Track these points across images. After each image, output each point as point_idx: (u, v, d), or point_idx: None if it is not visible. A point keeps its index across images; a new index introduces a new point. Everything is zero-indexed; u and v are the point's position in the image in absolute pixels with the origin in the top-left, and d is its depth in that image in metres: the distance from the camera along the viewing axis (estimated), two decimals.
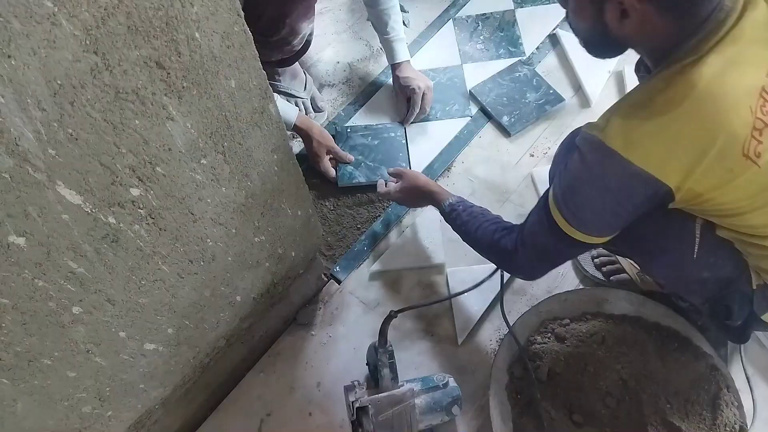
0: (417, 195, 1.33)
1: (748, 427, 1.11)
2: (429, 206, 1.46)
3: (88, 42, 0.54)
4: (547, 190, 0.98)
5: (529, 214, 1.04)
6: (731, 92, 0.77)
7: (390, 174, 1.43)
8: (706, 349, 1.17)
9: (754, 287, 0.94)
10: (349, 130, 1.62)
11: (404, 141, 1.60)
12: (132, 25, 0.56)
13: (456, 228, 1.21)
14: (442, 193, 1.27)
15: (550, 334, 1.21)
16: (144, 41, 0.58)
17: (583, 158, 0.86)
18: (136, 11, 0.56)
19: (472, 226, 1.15)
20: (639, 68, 1.01)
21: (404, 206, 1.47)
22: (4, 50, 0.48)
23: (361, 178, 1.53)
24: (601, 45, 0.92)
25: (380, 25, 1.57)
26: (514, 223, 1.10)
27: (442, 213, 1.24)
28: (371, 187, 1.52)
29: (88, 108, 0.57)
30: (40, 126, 0.55)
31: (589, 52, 0.95)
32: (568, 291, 1.26)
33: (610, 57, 0.96)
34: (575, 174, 0.89)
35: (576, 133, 0.93)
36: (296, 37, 1.45)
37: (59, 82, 0.54)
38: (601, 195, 0.86)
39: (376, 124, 1.63)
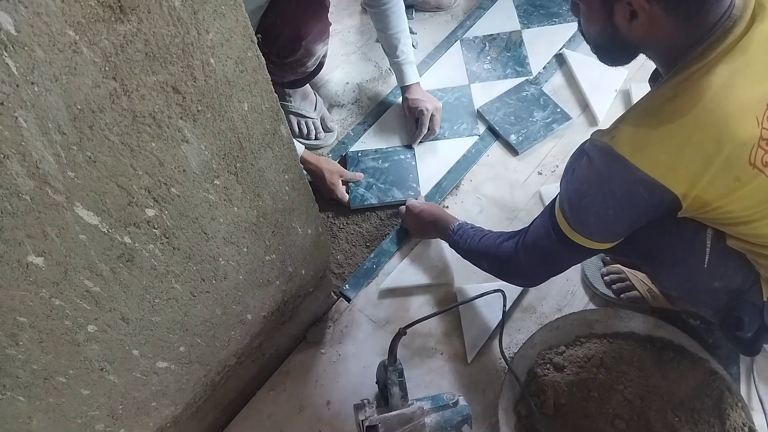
0: (428, 218, 1.37)
1: None
2: None
3: (107, 68, 0.56)
4: (555, 198, 0.99)
5: (533, 220, 1.06)
6: (738, 102, 0.78)
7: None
8: (701, 354, 1.17)
9: (765, 299, 0.94)
10: (360, 155, 1.64)
11: (414, 162, 1.61)
12: (150, 51, 0.58)
13: (462, 244, 1.23)
14: (451, 218, 1.32)
15: (548, 365, 1.21)
16: (161, 67, 0.60)
17: (591, 163, 0.88)
18: (153, 39, 0.58)
19: (477, 238, 1.19)
20: (654, 79, 1.02)
21: (414, 235, 1.48)
22: (28, 77, 0.50)
23: (372, 200, 1.55)
24: (612, 49, 0.93)
25: (390, 49, 1.60)
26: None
27: (451, 235, 1.27)
28: (382, 207, 1.54)
29: (107, 132, 0.59)
30: (60, 149, 0.56)
31: (600, 58, 0.97)
32: (558, 318, 1.26)
33: (620, 64, 0.98)
34: (582, 178, 0.90)
35: (585, 143, 0.95)
36: (311, 58, 1.48)
37: (79, 107, 0.56)
38: (606, 200, 0.87)
39: (386, 148, 1.65)
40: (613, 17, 0.85)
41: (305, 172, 1.53)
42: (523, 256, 1.04)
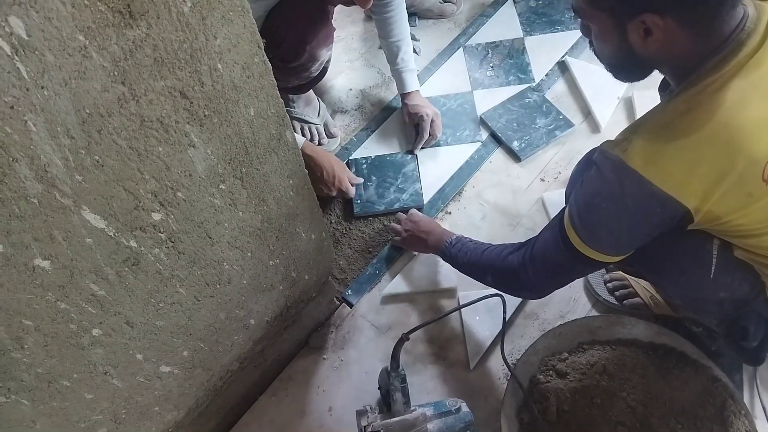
0: (423, 230, 1.36)
1: None
2: None
3: (116, 73, 0.56)
4: (563, 209, 0.98)
5: (540, 231, 1.05)
6: (752, 118, 0.78)
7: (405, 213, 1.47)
8: (704, 361, 1.17)
9: None
10: (362, 162, 1.64)
11: (417, 170, 1.62)
12: (158, 57, 0.59)
13: (462, 257, 1.22)
14: (447, 232, 1.31)
15: (551, 371, 1.20)
16: (169, 72, 0.61)
17: (601, 176, 0.87)
18: (162, 44, 0.58)
19: (479, 251, 1.17)
20: (664, 88, 1.03)
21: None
22: (38, 81, 0.51)
23: (379, 207, 1.55)
24: (627, 67, 0.93)
25: (391, 56, 1.62)
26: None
27: (449, 248, 1.26)
28: (386, 214, 1.55)
29: (115, 136, 0.60)
30: (68, 153, 0.57)
31: (616, 76, 0.97)
32: (561, 324, 1.26)
33: (635, 80, 0.97)
34: (593, 191, 0.90)
35: (593, 153, 0.94)
36: (315, 63, 1.48)
37: (88, 111, 0.56)
38: (619, 213, 0.87)
39: (388, 154, 1.66)
40: (627, 36, 0.84)
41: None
42: (530, 269, 1.03)
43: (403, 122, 1.70)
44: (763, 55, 0.79)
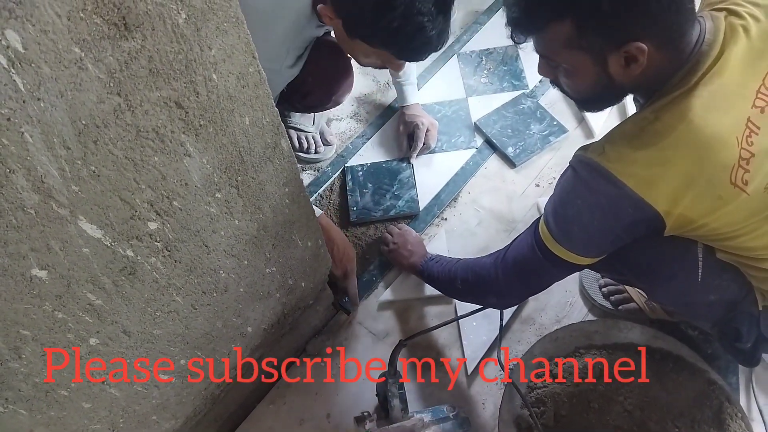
0: (407, 250, 1.39)
1: None
2: (437, 237, 1.48)
3: (111, 84, 0.57)
4: (540, 216, 1.00)
5: (516, 237, 1.07)
6: (718, 123, 0.80)
7: (395, 226, 1.49)
8: (700, 364, 1.18)
9: (761, 308, 0.95)
10: (358, 169, 1.64)
11: (412, 178, 1.62)
12: (153, 68, 0.59)
13: (437, 268, 1.25)
14: (429, 253, 1.35)
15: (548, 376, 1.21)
16: (165, 83, 0.61)
17: (577, 175, 0.89)
18: (157, 55, 0.59)
19: (454, 260, 1.21)
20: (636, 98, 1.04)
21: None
22: (35, 93, 0.51)
23: (375, 213, 1.55)
24: (602, 98, 0.95)
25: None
26: None
27: (426, 263, 1.30)
28: (381, 219, 1.55)
29: (111, 146, 0.60)
30: (64, 164, 0.57)
31: (588, 109, 0.99)
32: (557, 329, 1.26)
33: (607, 107, 1.00)
34: (568, 188, 0.92)
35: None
36: (336, 105, 1.59)
37: (84, 122, 0.57)
38: (592, 210, 0.88)
39: (384, 161, 1.67)
40: (608, 68, 0.85)
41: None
42: (501, 272, 1.05)
43: (398, 131, 1.70)
44: (724, 63, 0.81)
